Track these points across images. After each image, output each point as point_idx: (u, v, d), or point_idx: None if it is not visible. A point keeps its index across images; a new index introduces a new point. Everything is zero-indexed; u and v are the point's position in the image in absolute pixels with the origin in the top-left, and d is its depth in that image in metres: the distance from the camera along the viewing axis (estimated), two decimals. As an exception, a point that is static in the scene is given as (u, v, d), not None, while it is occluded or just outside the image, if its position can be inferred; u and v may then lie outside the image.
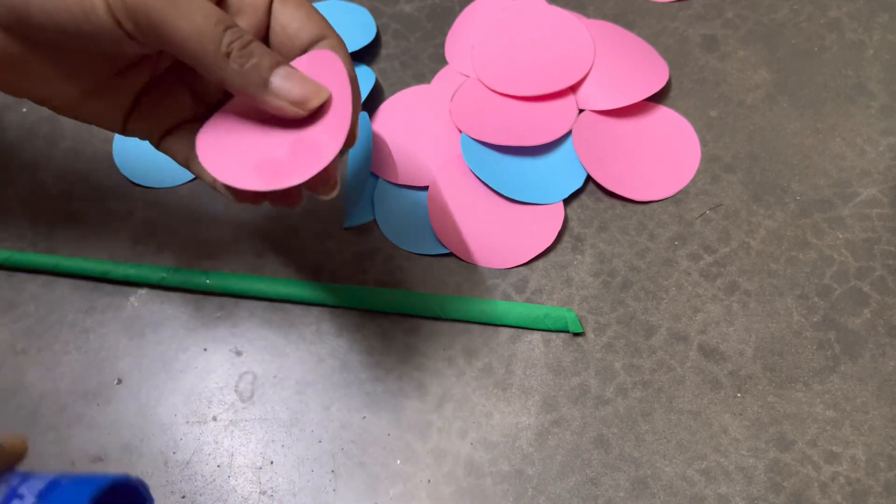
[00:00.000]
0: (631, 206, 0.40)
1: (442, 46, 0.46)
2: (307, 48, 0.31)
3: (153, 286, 0.39)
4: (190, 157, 0.33)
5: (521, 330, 0.37)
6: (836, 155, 0.41)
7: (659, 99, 0.43)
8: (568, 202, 0.40)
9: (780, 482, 0.33)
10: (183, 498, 0.34)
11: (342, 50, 0.31)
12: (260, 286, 0.39)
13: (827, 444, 0.34)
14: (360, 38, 0.45)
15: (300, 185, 0.29)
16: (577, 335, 0.36)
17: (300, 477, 0.35)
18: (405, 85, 0.44)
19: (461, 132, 0.42)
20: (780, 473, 0.33)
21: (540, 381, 0.36)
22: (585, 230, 0.39)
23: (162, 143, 0.33)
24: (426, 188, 0.41)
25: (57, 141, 0.44)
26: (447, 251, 0.39)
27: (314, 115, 0.29)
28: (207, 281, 0.39)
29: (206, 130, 0.31)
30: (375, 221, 0.40)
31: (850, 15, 0.45)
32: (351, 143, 0.31)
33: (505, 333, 0.37)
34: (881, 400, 0.34)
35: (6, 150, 0.44)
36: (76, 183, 0.43)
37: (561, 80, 0.42)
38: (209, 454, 0.35)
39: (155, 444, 0.36)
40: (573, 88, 0.42)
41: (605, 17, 0.46)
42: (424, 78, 0.45)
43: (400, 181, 0.41)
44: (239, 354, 0.38)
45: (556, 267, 0.39)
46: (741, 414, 0.34)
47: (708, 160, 0.41)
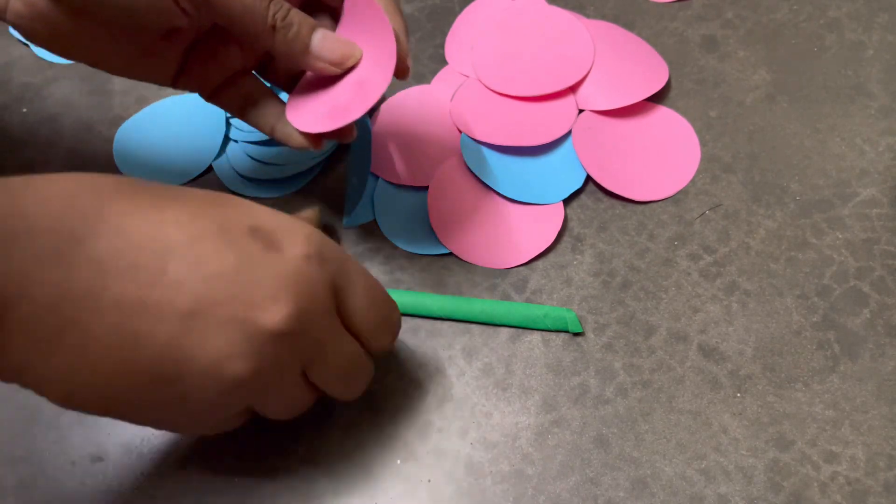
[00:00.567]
0: (631, 206, 0.40)
1: (442, 46, 0.46)
2: None
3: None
4: (245, 107, 0.35)
5: (521, 330, 0.37)
6: (835, 155, 0.41)
7: (659, 99, 0.43)
8: (568, 202, 0.40)
9: (779, 482, 0.33)
10: (182, 498, 0.34)
11: None
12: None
13: (826, 443, 0.34)
14: (360, 38, 0.45)
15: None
16: (576, 335, 0.36)
17: (300, 477, 0.35)
18: (405, 85, 0.44)
19: (461, 132, 0.42)
20: (779, 473, 0.33)
21: (540, 381, 0.36)
22: (585, 230, 0.39)
23: (213, 96, 0.35)
24: (426, 188, 0.41)
25: (57, 141, 0.44)
26: (447, 251, 0.39)
27: (368, 58, 0.32)
28: None
29: (291, 98, 0.35)
30: (375, 221, 0.40)
31: (849, 15, 0.45)
32: (401, 74, 0.33)
33: (505, 333, 0.37)
34: (881, 400, 0.34)
35: (6, 150, 0.44)
36: (76, 183, 0.43)
37: (561, 80, 0.42)
38: (209, 454, 0.35)
39: (155, 444, 0.36)
40: (573, 88, 0.42)
41: (605, 17, 0.46)
42: (424, 78, 0.45)
43: (400, 181, 0.41)
44: (239, 354, 0.37)
45: (556, 267, 0.39)
46: (741, 414, 0.34)
47: (708, 160, 0.41)
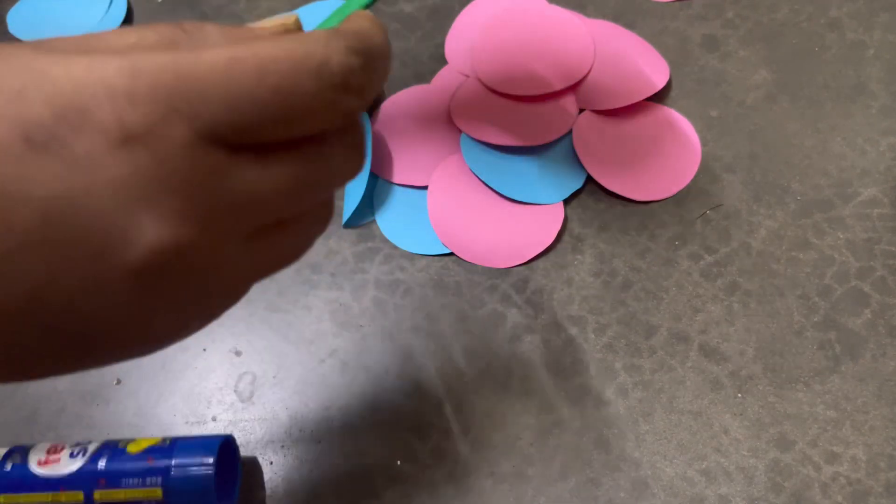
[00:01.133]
0: (631, 206, 0.40)
1: (442, 46, 0.46)
2: None
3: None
4: None
5: (520, 329, 0.37)
6: (836, 155, 0.40)
7: (659, 99, 0.43)
8: (568, 202, 0.40)
9: (780, 482, 0.33)
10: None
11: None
12: None
13: (827, 444, 0.34)
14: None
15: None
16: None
17: (300, 477, 0.35)
18: (405, 85, 0.44)
19: (461, 132, 0.42)
20: (780, 474, 0.33)
21: (540, 381, 0.36)
22: (585, 230, 0.39)
23: None
24: (426, 188, 0.41)
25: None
26: (447, 251, 0.39)
27: None
28: None
29: None
30: (375, 221, 0.40)
31: (850, 15, 0.45)
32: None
33: (505, 333, 0.37)
34: (882, 400, 0.34)
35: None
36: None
37: (561, 80, 0.42)
38: (209, 454, 0.35)
39: (154, 444, 0.36)
40: (573, 88, 0.42)
41: (605, 17, 0.46)
42: (424, 78, 0.45)
43: (400, 181, 0.41)
44: (238, 354, 0.37)
45: (556, 267, 0.38)
46: (742, 414, 0.34)
47: (708, 160, 0.41)
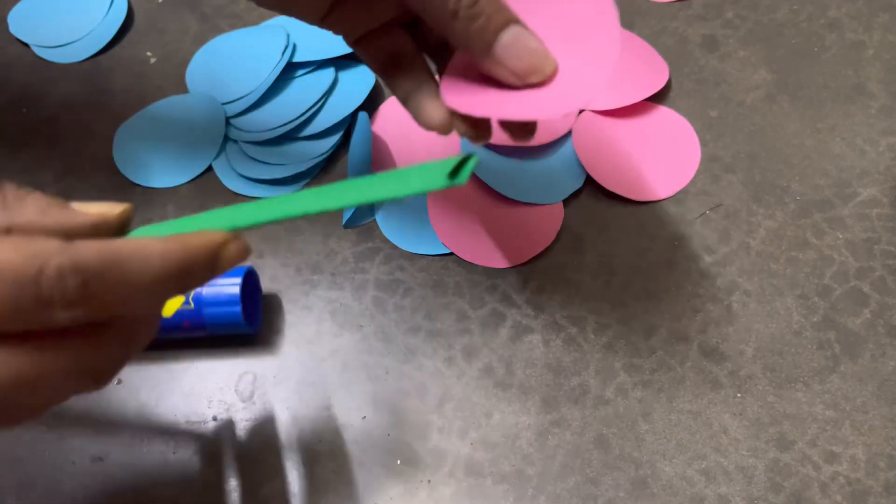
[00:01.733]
0: (631, 206, 0.40)
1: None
2: None
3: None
4: (388, 66, 0.32)
5: (520, 329, 0.37)
6: (836, 155, 0.40)
7: (659, 99, 0.43)
8: (568, 202, 0.40)
9: (780, 482, 0.33)
10: (182, 497, 0.34)
11: None
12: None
13: (827, 444, 0.34)
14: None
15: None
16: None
17: (300, 477, 0.35)
18: (405, 85, 0.44)
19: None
20: (779, 473, 0.33)
21: (540, 381, 0.36)
22: (585, 230, 0.39)
23: (358, 43, 0.32)
24: (426, 188, 0.41)
25: (57, 141, 0.44)
26: (447, 251, 0.39)
27: (578, 49, 0.28)
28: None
29: (455, 62, 0.30)
30: (375, 221, 0.40)
31: (850, 15, 0.45)
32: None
33: (505, 333, 0.37)
34: (881, 400, 0.34)
35: (6, 150, 0.44)
36: (76, 183, 0.43)
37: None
38: (209, 454, 0.35)
39: (155, 444, 0.36)
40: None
41: (605, 17, 0.46)
42: (424, 78, 0.45)
43: (400, 181, 0.41)
44: (239, 354, 0.38)
45: (556, 267, 0.39)
46: (741, 414, 0.34)
47: (708, 160, 0.41)
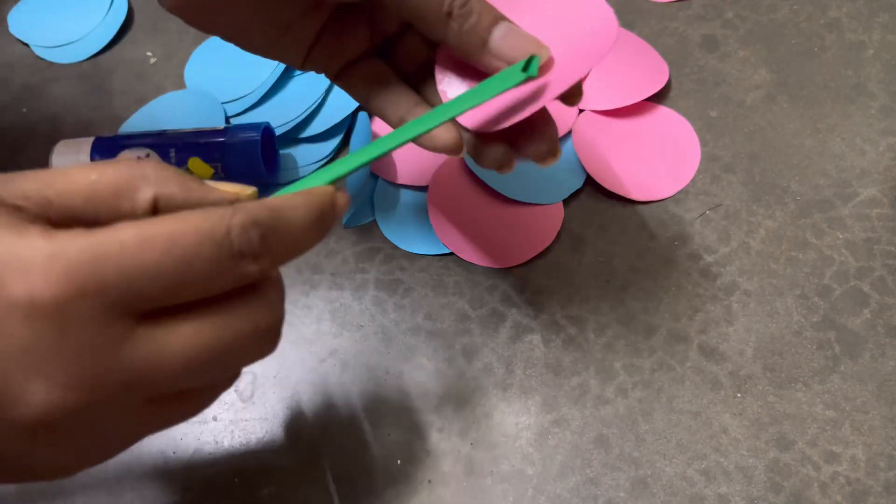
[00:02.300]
0: (631, 206, 0.40)
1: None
2: None
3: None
4: (370, 94, 0.32)
5: (520, 329, 0.37)
6: (835, 155, 0.40)
7: (659, 99, 0.43)
8: (568, 202, 0.40)
9: (779, 482, 0.33)
10: (182, 497, 0.34)
11: None
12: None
13: (827, 444, 0.34)
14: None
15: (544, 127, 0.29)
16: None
17: (300, 477, 0.35)
18: (405, 85, 0.44)
19: (461, 132, 0.42)
20: (779, 473, 0.33)
21: (540, 381, 0.36)
22: (585, 230, 0.39)
23: (339, 77, 0.33)
24: (426, 188, 0.41)
25: (57, 141, 0.44)
26: (447, 251, 0.39)
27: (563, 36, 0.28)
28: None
29: (444, 78, 0.31)
30: (375, 221, 0.40)
31: (850, 15, 0.45)
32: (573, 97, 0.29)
33: (505, 333, 0.37)
34: (881, 400, 0.34)
35: (6, 150, 0.44)
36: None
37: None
38: (209, 454, 0.35)
39: (155, 444, 0.36)
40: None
41: (605, 17, 0.46)
42: (424, 78, 0.45)
43: (400, 181, 0.41)
44: (239, 354, 0.37)
45: (556, 267, 0.39)
46: (741, 414, 0.34)
47: (708, 160, 0.41)
